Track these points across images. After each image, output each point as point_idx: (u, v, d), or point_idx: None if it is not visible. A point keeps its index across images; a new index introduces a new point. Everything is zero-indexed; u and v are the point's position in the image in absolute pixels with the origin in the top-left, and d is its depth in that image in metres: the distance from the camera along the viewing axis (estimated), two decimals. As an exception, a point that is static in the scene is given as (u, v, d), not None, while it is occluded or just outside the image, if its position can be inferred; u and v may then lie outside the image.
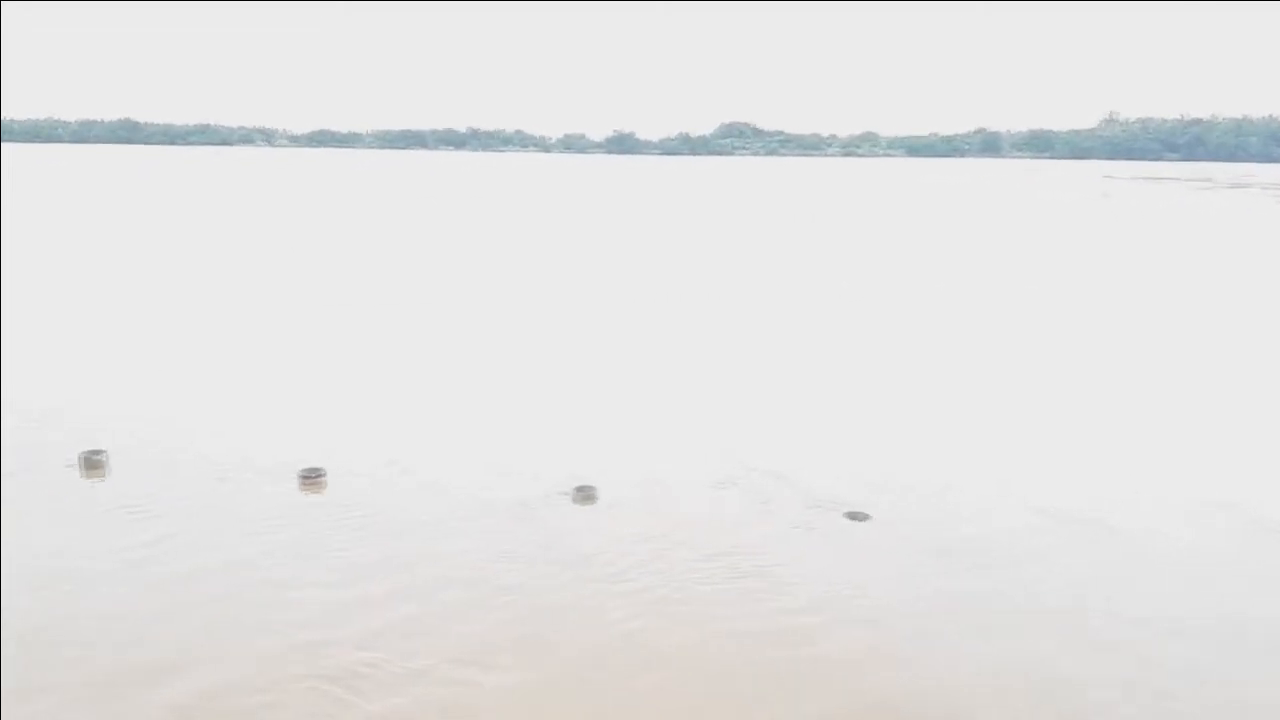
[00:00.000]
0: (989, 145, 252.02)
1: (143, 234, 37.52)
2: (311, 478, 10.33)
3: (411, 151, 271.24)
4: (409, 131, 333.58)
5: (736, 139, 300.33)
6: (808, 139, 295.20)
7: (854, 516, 9.68)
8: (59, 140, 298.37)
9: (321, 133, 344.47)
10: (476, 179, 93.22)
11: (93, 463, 10.40)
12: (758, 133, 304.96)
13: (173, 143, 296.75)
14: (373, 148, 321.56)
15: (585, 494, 10.07)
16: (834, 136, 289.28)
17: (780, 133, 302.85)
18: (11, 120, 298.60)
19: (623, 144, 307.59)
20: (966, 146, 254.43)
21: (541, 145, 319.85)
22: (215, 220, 43.91)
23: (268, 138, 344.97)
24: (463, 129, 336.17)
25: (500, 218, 49.17)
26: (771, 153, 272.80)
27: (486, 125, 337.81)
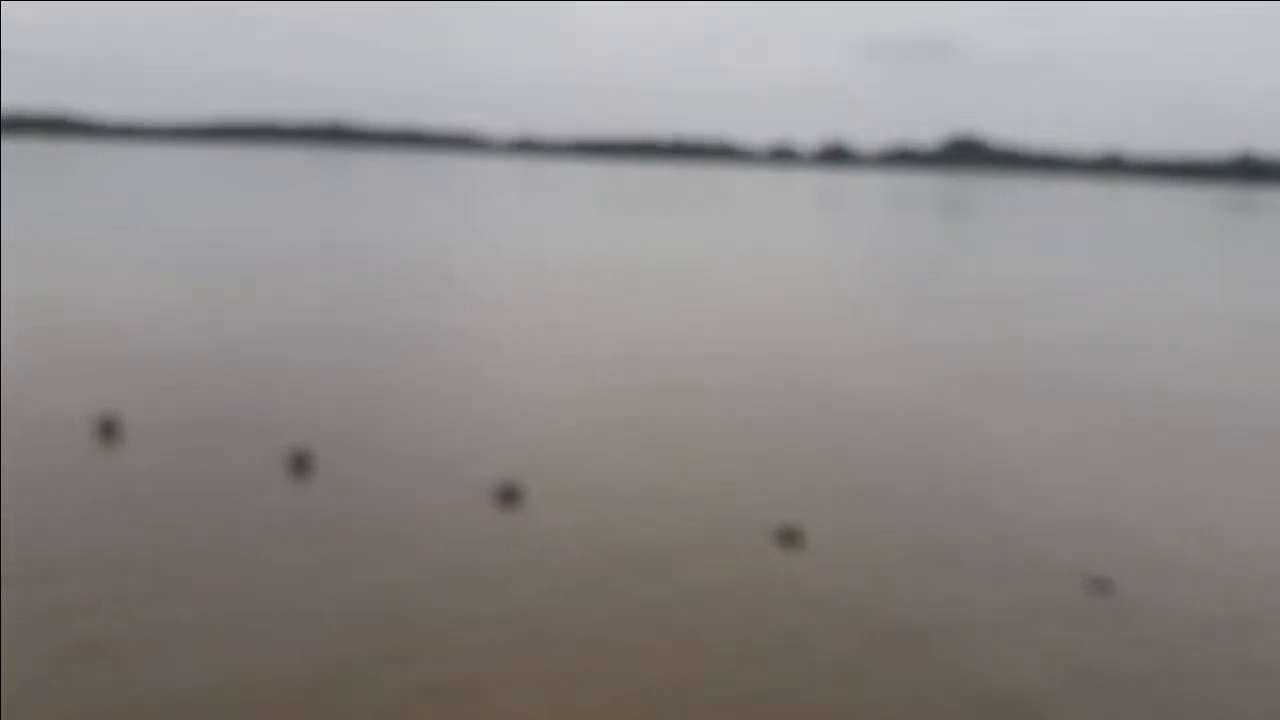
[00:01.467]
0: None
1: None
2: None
3: (607, 162, 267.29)
4: (608, 142, 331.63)
5: (962, 155, 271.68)
6: (1037, 158, 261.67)
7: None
8: (279, 138, 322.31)
9: (524, 141, 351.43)
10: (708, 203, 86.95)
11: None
12: (984, 148, 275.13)
13: (380, 146, 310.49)
14: (569, 157, 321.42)
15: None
16: (1074, 157, 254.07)
17: (1013, 145, 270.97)
18: (232, 118, 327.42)
19: (834, 154, 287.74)
20: (1228, 170, 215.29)
21: (748, 157, 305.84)
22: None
23: (472, 143, 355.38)
24: (664, 140, 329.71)
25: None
26: (1000, 172, 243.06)
27: (689, 134, 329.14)
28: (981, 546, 10.54)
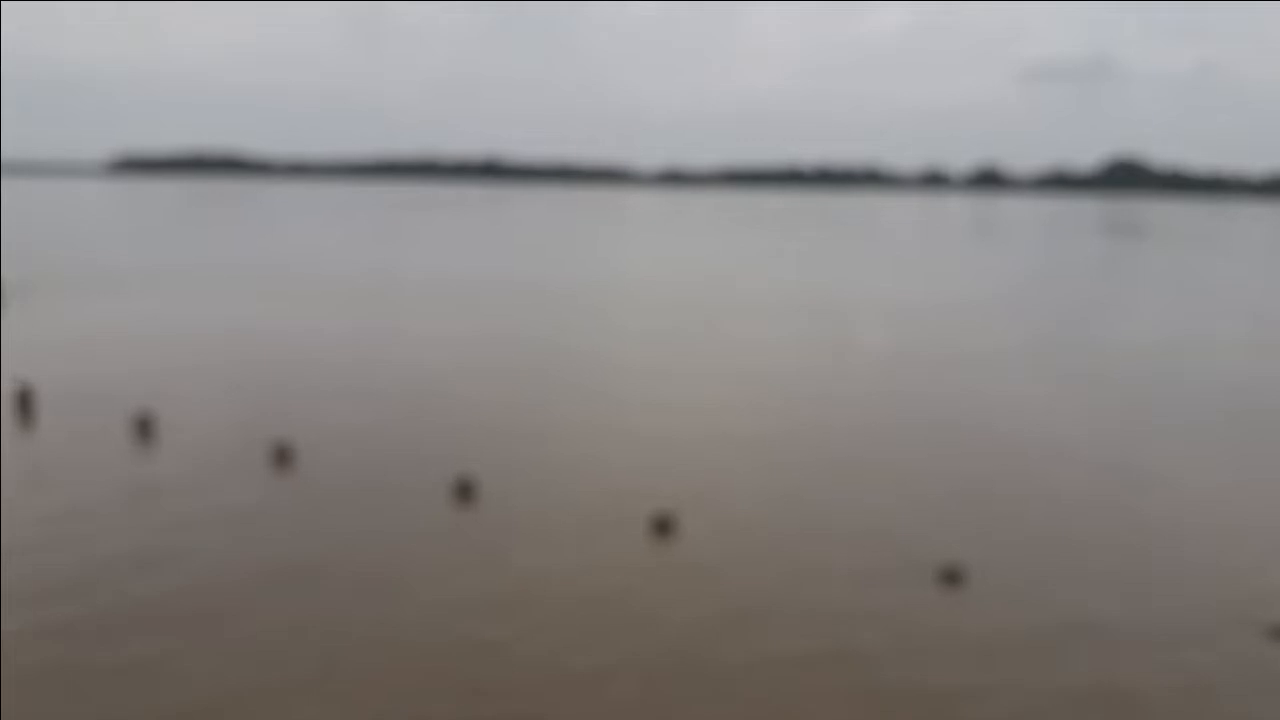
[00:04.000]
0: None
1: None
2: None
3: (753, 191, 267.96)
4: (754, 171, 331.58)
5: (1122, 178, 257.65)
6: (1203, 179, 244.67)
7: None
8: (439, 174, 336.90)
9: (671, 171, 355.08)
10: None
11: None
12: (1145, 170, 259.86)
13: (531, 180, 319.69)
14: (715, 186, 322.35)
15: None
16: (1243, 177, 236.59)
17: (1178, 167, 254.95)
18: (397, 156, 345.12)
19: (987, 178, 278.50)
20: None
21: (897, 183, 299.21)
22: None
23: (621, 176, 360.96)
24: (808, 167, 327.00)
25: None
26: (1163, 194, 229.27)
27: (834, 162, 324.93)
28: (1151, 602, 9.91)
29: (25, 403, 16.23)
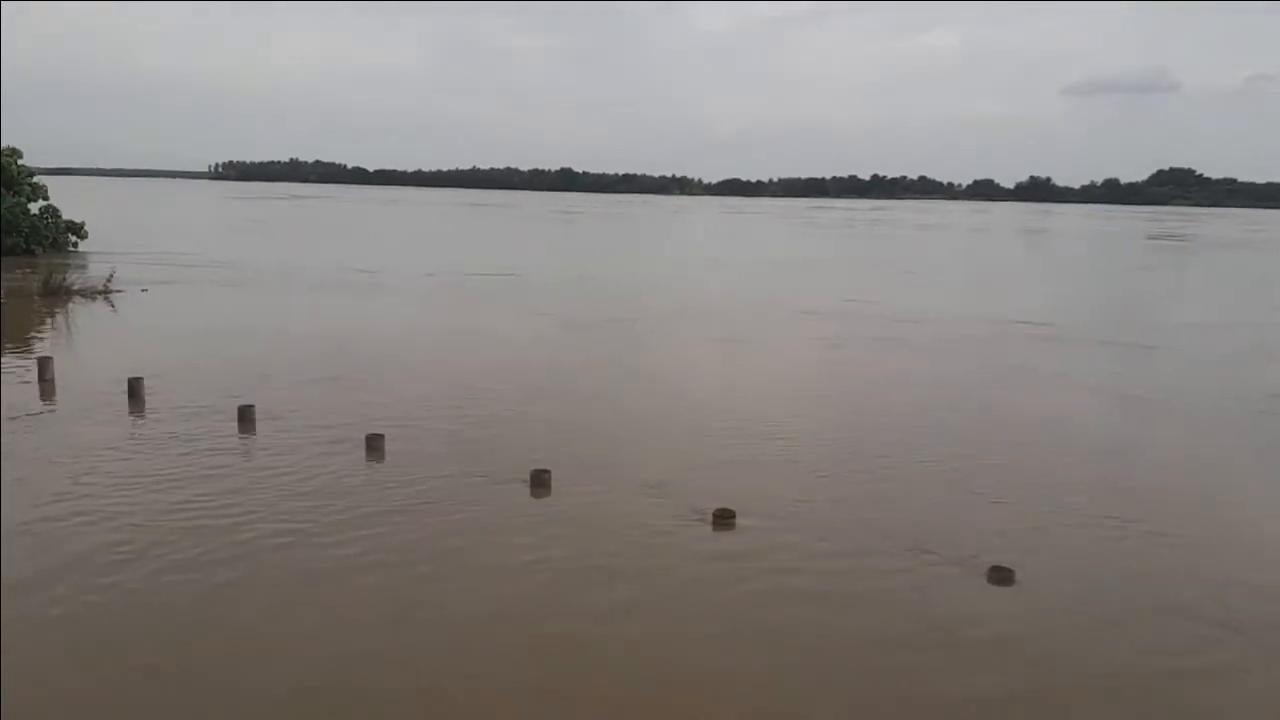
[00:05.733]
0: None
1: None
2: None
3: (815, 200, 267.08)
4: (812, 180, 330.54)
5: (1175, 187, 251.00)
6: (1262, 187, 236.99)
7: None
8: (515, 187, 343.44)
9: (731, 181, 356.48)
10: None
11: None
12: (1201, 180, 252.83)
13: (603, 190, 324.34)
14: (776, 195, 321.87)
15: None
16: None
17: (1230, 180, 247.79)
18: (477, 167, 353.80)
19: (1036, 191, 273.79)
20: None
21: (948, 193, 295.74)
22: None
23: (683, 187, 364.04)
24: (865, 176, 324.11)
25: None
26: (1216, 203, 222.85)
27: (889, 171, 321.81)
28: (1204, 598, 10.34)
29: (134, 391, 17.45)
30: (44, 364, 18.77)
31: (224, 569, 10.26)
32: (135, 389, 17.48)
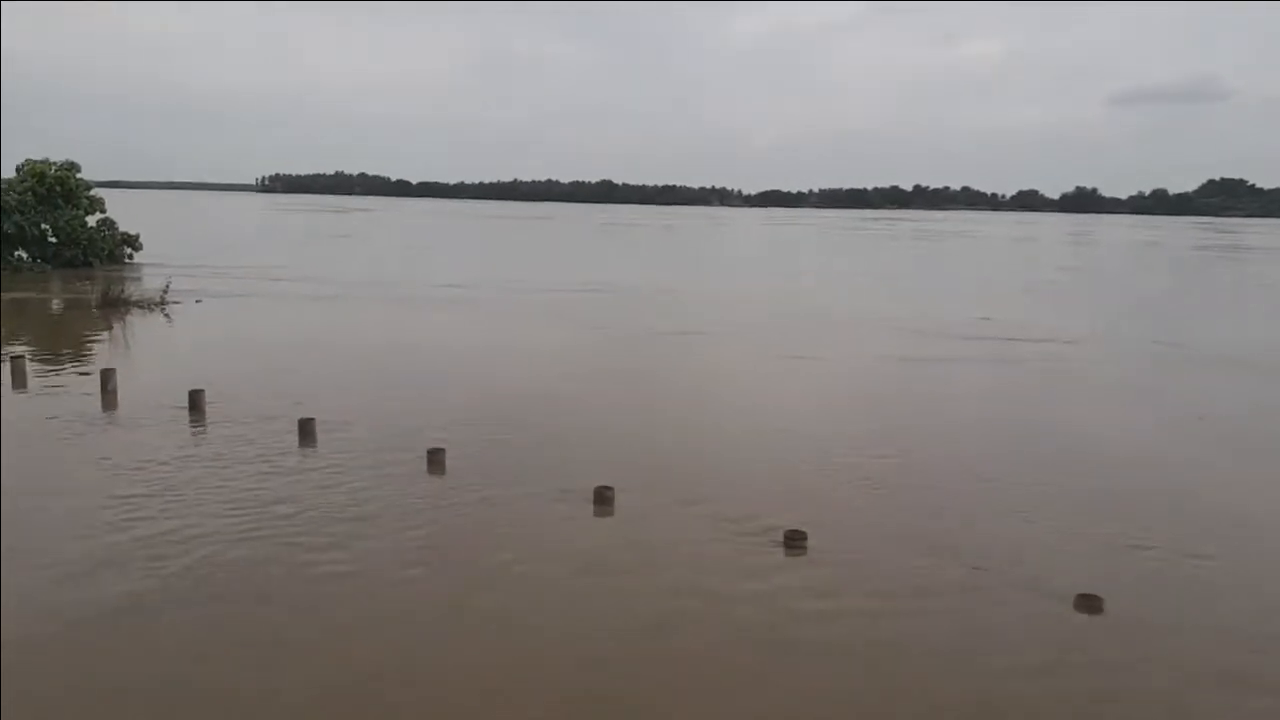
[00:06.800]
0: None
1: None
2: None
3: (859, 211, 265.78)
4: (854, 190, 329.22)
5: (1226, 197, 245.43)
6: None
7: None
8: (554, 199, 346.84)
9: (771, 193, 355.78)
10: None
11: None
12: (1253, 190, 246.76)
13: (643, 201, 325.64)
14: (817, 206, 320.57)
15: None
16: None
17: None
18: (518, 179, 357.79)
19: (1082, 202, 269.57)
20: None
21: (991, 203, 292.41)
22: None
23: (721, 198, 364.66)
24: (907, 186, 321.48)
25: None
26: (1269, 214, 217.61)
27: (930, 182, 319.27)
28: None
29: (195, 402, 17.55)
30: (106, 375, 18.96)
31: (289, 582, 10.23)
32: (196, 401, 17.59)
